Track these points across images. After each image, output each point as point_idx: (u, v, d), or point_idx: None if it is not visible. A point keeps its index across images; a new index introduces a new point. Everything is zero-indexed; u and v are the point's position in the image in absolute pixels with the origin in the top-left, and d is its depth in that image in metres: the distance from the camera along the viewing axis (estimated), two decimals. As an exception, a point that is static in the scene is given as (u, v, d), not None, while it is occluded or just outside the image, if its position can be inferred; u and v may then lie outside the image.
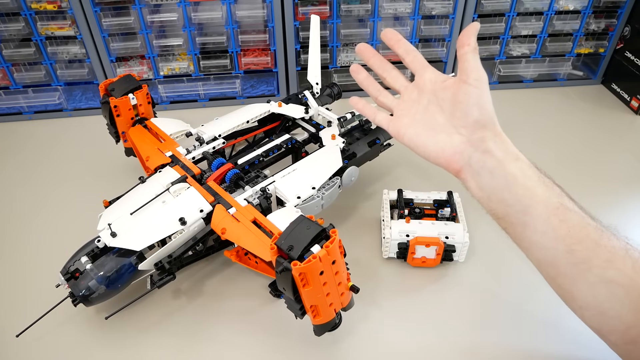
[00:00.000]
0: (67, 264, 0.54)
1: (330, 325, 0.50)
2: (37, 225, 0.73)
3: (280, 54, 0.95)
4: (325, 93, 0.83)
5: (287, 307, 0.51)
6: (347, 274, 0.50)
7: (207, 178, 0.62)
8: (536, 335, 0.57)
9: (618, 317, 0.42)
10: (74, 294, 0.53)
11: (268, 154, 0.69)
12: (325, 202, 0.63)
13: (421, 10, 0.92)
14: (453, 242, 0.62)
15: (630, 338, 0.42)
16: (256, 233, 0.53)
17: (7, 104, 0.95)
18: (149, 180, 0.62)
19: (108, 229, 0.54)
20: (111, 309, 0.56)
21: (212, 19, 0.90)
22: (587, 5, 0.95)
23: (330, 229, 0.48)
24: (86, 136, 0.91)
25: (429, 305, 0.61)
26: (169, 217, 0.56)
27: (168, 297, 0.62)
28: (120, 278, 0.55)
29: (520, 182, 0.47)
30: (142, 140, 0.70)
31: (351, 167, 0.67)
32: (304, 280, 0.45)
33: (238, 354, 0.56)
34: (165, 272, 0.56)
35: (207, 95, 1.00)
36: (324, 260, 0.45)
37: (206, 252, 0.63)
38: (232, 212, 0.56)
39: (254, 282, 0.63)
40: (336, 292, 0.48)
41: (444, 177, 0.77)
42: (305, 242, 0.46)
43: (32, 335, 0.51)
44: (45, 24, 0.87)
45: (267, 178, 0.62)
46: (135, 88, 0.71)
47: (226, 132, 0.72)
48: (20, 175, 0.83)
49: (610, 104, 1.01)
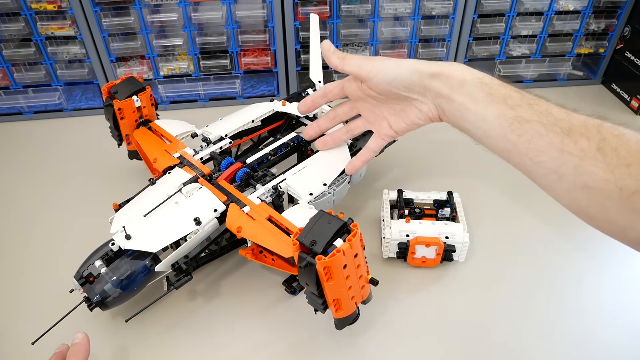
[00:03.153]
0: (81, 269, 0.54)
1: (351, 318, 0.51)
2: (38, 226, 0.73)
3: (280, 54, 0.95)
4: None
5: (309, 302, 0.51)
6: (366, 267, 0.50)
7: (217, 178, 0.62)
8: (537, 334, 0.57)
9: (608, 221, 0.39)
10: (90, 299, 0.53)
11: (276, 152, 0.69)
12: (336, 198, 0.64)
13: (421, 10, 0.92)
14: (453, 242, 0.62)
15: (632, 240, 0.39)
16: (273, 230, 0.54)
17: (7, 104, 0.95)
18: (159, 181, 0.62)
19: (122, 232, 0.54)
20: (126, 313, 0.56)
21: (212, 19, 0.90)
22: (587, 6, 0.95)
23: (351, 223, 0.48)
24: (86, 136, 0.91)
25: (429, 305, 0.61)
26: (183, 218, 0.56)
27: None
28: (135, 281, 0.54)
29: (470, 109, 0.47)
30: (148, 143, 0.70)
31: None
32: (327, 274, 0.46)
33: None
34: (182, 273, 0.56)
35: (207, 95, 1.00)
36: (347, 254, 0.46)
37: (220, 251, 0.63)
38: (246, 210, 0.57)
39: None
40: (357, 285, 0.49)
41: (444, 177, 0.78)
42: (328, 236, 0.46)
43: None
44: (45, 24, 0.87)
45: (274, 176, 0.63)
46: (139, 90, 0.71)
47: (232, 131, 0.72)
48: (20, 175, 0.83)
49: (610, 104, 1.01)
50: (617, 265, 0.65)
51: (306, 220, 0.49)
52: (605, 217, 0.39)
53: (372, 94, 0.57)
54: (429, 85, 0.51)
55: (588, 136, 0.40)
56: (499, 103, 0.45)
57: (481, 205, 0.74)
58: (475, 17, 0.94)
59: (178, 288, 0.55)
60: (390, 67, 0.54)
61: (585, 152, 0.39)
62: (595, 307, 0.60)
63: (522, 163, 0.44)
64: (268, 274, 0.64)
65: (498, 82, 0.47)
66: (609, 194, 0.38)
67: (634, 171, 0.37)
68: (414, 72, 0.52)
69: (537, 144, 0.42)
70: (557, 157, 0.41)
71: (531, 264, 0.66)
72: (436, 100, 0.52)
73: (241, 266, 0.66)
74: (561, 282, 0.63)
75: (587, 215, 0.41)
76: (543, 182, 0.43)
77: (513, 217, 0.73)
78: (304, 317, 0.58)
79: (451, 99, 0.49)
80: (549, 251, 0.67)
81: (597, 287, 0.63)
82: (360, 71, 0.56)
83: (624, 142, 0.38)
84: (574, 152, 0.40)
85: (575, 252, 0.67)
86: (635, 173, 0.37)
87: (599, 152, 0.38)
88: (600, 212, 0.39)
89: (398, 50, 0.98)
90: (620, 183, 0.37)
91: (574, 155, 0.40)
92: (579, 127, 0.40)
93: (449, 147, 0.85)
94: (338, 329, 0.53)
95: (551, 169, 0.41)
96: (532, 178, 0.45)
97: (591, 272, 0.65)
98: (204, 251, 0.59)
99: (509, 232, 0.70)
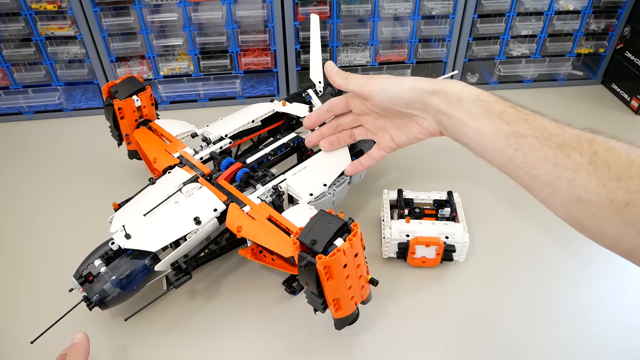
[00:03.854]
0: (80, 268, 0.54)
1: (350, 318, 0.51)
2: (38, 226, 0.73)
3: (280, 54, 0.95)
4: (327, 91, 0.83)
5: (308, 301, 0.51)
6: (366, 267, 0.50)
7: (217, 178, 0.62)
8: (537, 334, 0.57)
9: (601, 233, 0.40)
10: (89, 298, 0.53)
11: (276, 152, 0.69)
12: (336, 198, 0.64)
13: (421, 10, 0.92)
14: (453, 242, 0.62)
15: (625, 252, 0.40)
16: (273, 230, 0.54)
17: (7, 104, 0.95)
18: (159, 181, 0.62)
19: (122, 231, 0.54)
20: (125, 312, 0.56)
21: (212, 19, 0.90)
22: (587, 5, 0.95)
23: (351, 223, 0.48)
24: (86, 136, 0.91)
25: (428, 305, 0.61)
26: (183, 217, 0.56)
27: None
28: (135, 280, 0.54)
29: (469, 125, 0.49)
30: (148, 142, 0.70)
31: None
32: (328, 274, 0.46)
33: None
34: (182, 272, 0.56)
35: (207, 95, 1.00)
36: (347, 253, 0.46)
37: (220, 251, 0.63)
38: (246, 210, 0.57)
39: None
40: (357, 285, 0.49)
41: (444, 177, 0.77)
42: (328, 235, 0.46)
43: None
44: (45, 24, 0.87)
45: (274, 176, 0.63)
46: (139, 90, 0.71)
47: (232, 132, 0.72)
48: (20, 175, 0.83)
49: (610, 104, 1.01)
50: (618, 267, 0.65)
51: (306, 220, 0.49)
52: (599, 230, 0.40)
53: (375, 110, 0.60)
54: (429, 102, 0.53)
55: (580, 150, 0.41)
56: (495, 119, 0.47)
57: (481, 206, 0.74)
58: (475, 17, 0.94)
59: (177, 287, 0.55)
60: (392, 86, 0.56)
61: (578, 166, 0.40)
62: (595, 307, 0.60)
63: (519, 176, 0.46)
64: (268, 274, 0.64)
65: (495, 99, 0.49)
66: (601, 207, 0.39)
67: (624, 184, 0.37)
68: (414, 90, 0.54)
69: (532, 158, 0.44)
70: (551, 171, 0.42)
71: (531, 264, 0.66)
72: (436, 116, 0.54)
73: (241, 266, 0.66)
74: (561, 283, 0.63)
75: (581, 227, 0.42)
76: (539, 195, 0.45)
77: (513, 218, 0.73)
78: (304, 317, 0.58)
79: (450, 115, 0.51)
80: (549, 252, 0.67)
81: (597, 288, 0.63)
82: (363, 90, 0.58)
83: (615, 156, 0.39)
84: (567, 165, 0.41)
85: (575, 253, 0.67)
86: (626, 186, 0.37)
87: (591, 166, 0.39)
88: (594, 225, 0.40)
89: (398, 51, 0.98)
90: (611, 196, 0.38)
91: (568, 169, 0.41)
92: (572, 142, 0.42)
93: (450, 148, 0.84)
94: (338, 329, 0.53)
95: (546, 182, 0.43)
96: (529, 190, 0.46)
97: (591, 273, 0.64)
98: (204, 251, 0.59)
99: (509, 233, 0.70)
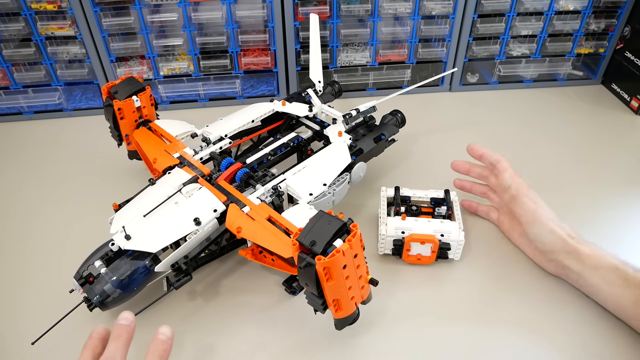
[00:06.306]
0: (81, 269, 0.54)
1: (351, 318, 0.51)
2: (38, 227, 0.73)
3: (280, 54, 0.95)
4: (327, 91, 0.83)
5: (308, 302, 0.51)
6: (366, 267, 0.50)
7: (217, 178, 0.62)
8: (532, 333, 0.57)
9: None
10: (90, 299, 0.53)
11: (276, 152, 0.69)
12: (336, 198, 0.64)
13: (421, 10, 0.92)
14: (448, 240, 0.62)
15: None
16: (273, 230, 0.54)
17: (7, 104, 0.95)
18: (159, 181, 0.62)
19: (122, 232, 0.54)
20: None
21: (212, 19, 0.90)
22: (587, 6, 0.95)
23: (351, 223, 0.48)
24: (86, 136, 0.92)
25: (427, 304, 0.61)
26: (183, 218, 0.56)
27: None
28: (135, 281, 0.54)
29: (604, 290, 0.56)
30: (148, 143, 0.70)
31: (359, 162, 0.68)
32: (327, 274, 0.46)
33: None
34: (182, 273, 0.56)
35: (207, 95, 1.00)
36: (347, 254, 0.46)
37: (220, 251, 0.63)
38: (246, 210, 0.57)
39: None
40: (357, 285, 0.49)
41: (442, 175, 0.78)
42: (327, 236, 0.46)
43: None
44: (45, 24, 0.87)
45: (274, 176, 0.63)
46: (139, 90, 0.71)
47: (232, 132, 0.72)
48: (20, 175, 0.83)
49: (610, 104, 1.01)
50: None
51: (306, 220, 0.49)
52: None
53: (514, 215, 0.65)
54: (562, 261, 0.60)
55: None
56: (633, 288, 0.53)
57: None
58: (475, 17, 0.94)
59: (178, 288, 0.55)
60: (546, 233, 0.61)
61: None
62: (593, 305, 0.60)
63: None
64: (268, 274, 0.64)
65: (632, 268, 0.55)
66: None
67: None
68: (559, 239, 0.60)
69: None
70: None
71: (527, 262, 0.65)
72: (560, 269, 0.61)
73: (241, 266, 0.66)
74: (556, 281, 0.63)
75: None
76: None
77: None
78: (304, 317, 0.58)
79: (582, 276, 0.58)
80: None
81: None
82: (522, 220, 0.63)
83: None
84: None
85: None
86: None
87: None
88: None
89: (398, 51, 0.98)
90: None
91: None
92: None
93: (449, 148, 0.85)
94: (338, 329, 0.53)
95: None
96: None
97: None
98: (204, 251, 0.59)
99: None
